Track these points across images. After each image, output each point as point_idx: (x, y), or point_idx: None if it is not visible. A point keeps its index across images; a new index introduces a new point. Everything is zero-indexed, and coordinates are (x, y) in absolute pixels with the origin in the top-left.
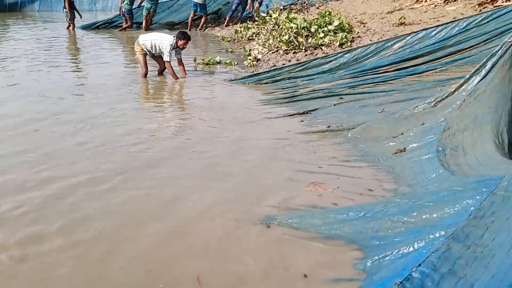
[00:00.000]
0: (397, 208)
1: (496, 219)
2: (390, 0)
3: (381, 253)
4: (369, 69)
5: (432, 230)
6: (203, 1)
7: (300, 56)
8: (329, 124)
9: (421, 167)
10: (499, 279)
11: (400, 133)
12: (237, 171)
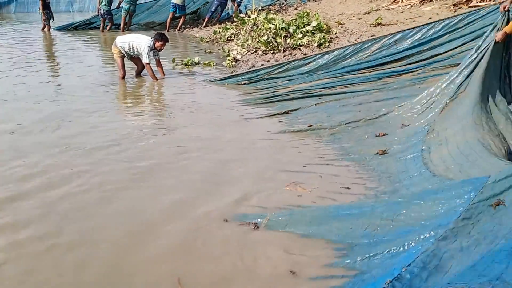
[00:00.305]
0: (385, 206)
1: (482, 218)
2: (367, 1)
3: (372, 252)
4: (348, 70)
5: (422, 230)
6: (182, 2)
7: (278, 56)
8: (311, 124)
9: (405, 166)
10: (482, 267)
11: (383, 133)
12: (218, 172)
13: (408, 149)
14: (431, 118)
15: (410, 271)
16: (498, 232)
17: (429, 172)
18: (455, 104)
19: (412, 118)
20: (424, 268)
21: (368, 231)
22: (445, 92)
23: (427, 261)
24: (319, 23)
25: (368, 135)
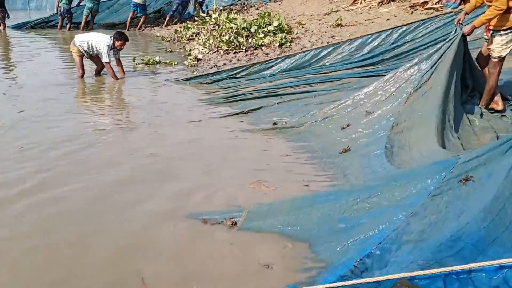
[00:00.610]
0: (360, 191)
1: (451, 193)
2: (327, 2)
3: (349, 237)
4: (309, 72)
5: (395, 210)
6: (143, 2)
7: (240, 56)
8: (274, 122)
9: (369, 162)
10: (451, 238)
11: (346, 125)
12: (183, 172)
13: (372, 144)
14: (395, 107)
15: (381, 247)
16: (466, 206)
17: (393, 166)
18: (420, 96)
19: (376, 105)
20: (393, 243)
21: (345, 216)
22: (410, 79)
23: (397, 237)
24: (281, 23)
25: (333, 129)
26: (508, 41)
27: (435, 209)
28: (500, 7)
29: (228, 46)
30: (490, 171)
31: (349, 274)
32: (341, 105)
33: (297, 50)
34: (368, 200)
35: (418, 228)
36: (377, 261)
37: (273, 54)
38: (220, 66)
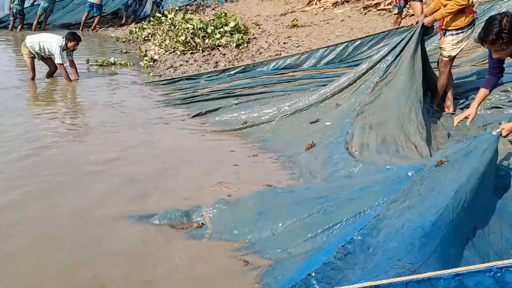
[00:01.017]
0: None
1: (429, 176)
2: (283, 3)
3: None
4: (266, 73)
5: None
6: (100, 2)
7: (197, 56)
8: (245, 121)
9: (331, 152)
10: (426, 217)
11: (316, 120)
12: (142, 176)
13: (338, 132)
14: (362, 98)
15: (362, 233)
16: (443, 186)
17: (351, 157)
18: (384, 85)
19: (344, 98)
20: (374, 228)
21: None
22: (375, 72)
23: (378, 223)
24: (237, 24)
25: (302, 125)
26: (458, 41)
27: (415, 194)
28: (460, 2)
29: (185, 47)
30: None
31: (333, 260)
32: (310, 98)
33: (254, 51)
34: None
35: (397, 213)
36: (359, 246)
37: (230, 54)
38: (176, 67)
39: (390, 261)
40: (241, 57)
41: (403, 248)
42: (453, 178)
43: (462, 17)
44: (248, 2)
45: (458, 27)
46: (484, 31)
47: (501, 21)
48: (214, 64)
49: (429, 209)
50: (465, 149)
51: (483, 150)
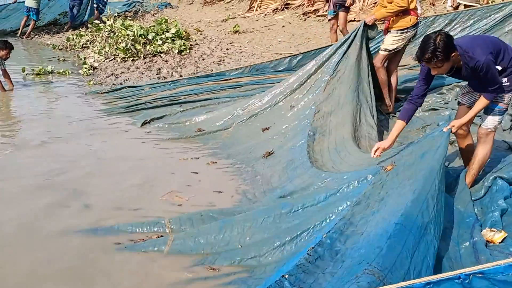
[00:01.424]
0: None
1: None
2: (224, 9)
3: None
4: (212, 80)
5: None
6: (37, 6)
7: (139, 63)
8: (199, 129)
9: (293, 156)
10: (390, 220)
11: (267, 127)
12: (90, 188)
13: (298, 134)
14: (316, 97)
15: (330, 236)
16: (403, 188)
17: (309, 163)
18: (336, 82)
19: (298, 100)
20: (342, 233)
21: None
22: (324, 70)
23: (345, 227)
24: (178, 30)
25: (257, 131)
26: (400, 39)
27: (376, 196)
28: (401, 4)
29: (126, 54)
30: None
31: (304, 262)
32: (263, 101)
33: (196, 57)
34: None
35: (363, 221)
36: (328, 249)
37: (173, 61)
38: (118, 75)
39: (360, 266)
40: (184, 63)
41: (371, 252)
42: (412, 179)
43: (408, 18)
44: (188, 8)
45: (404, 27)
46: (420, 50)
47: (435, 40)
48: (156, 71)
49: (392, 213)
50: (419, 149)
51: (436, 147)
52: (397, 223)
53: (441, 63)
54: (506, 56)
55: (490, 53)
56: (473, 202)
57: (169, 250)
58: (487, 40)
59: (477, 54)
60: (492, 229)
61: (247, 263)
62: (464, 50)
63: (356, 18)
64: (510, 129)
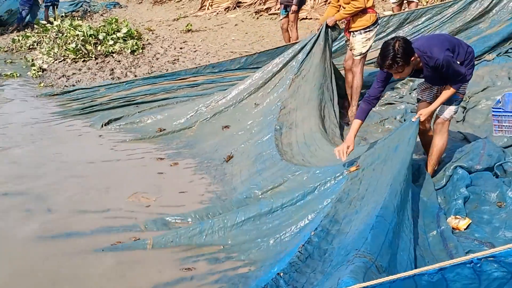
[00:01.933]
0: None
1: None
2: (174, 8)
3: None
4: (168, 79)
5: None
6: None
7: (90, 64)
8: (160, 129)
9: (261, 148)
10: (371, 212)
11: (227, 125)
12: (53, 193)
13: (264, 129)
14: (281, 94)
15: (318, 235)
16: (378, 182)
17: (279, 156)
18: (301, 80)
19: (263, 97)
20: (328, 233)
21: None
22: (289, 69)
23: (330, 225)
24: (130, 30)
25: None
26: (367, 39)
27: (355, 192)
28: (357, 5)
29: (76, 55)
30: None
31: (296, 260)
32: (228, 97)
33: (150, 57)
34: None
35: (347, 219)
36: (317, 248)
37: (126, 61)
38: (69, 76)
39: (348, 256)
40: (137, 63)
41: (357, 241)
42: (388, 173)
43: (367, 17)
44: (137, 7)
45: (365, 26)
46: (381, 57)
47: (394, 46)
48: (109, 72)
49: (373, 207)
50: (392, 142)
51: (408, 139)
52: (378, 215)
53: (402, 68)
54: (461, 50)
55: (447, 49)
56: (436, 192)
57: (150, 250)
58: (442, 38)
59: (435, 53)
60: (456, 217)
61: (232, 263)
62: (422, 51)
63: (308, 16)
64: (463, 120)
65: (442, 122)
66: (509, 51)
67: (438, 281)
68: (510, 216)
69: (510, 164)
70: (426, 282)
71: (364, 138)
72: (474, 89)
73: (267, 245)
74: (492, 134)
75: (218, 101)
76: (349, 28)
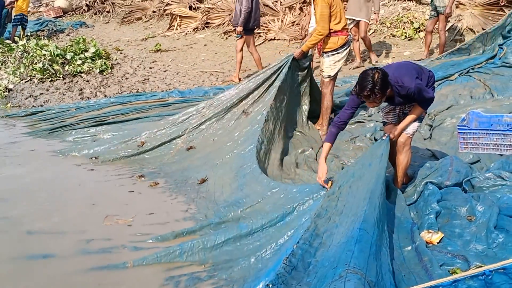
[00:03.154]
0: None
1: (343, 191)
2: (142, 28)
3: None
4: (138, 99)
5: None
6: None
7: (58, 84)
8: (116, 153)
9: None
10: (352, 225)
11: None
12: (30, 216)
13: (248, 139)
14: (267, 102)
15: (300, 247)
16: (354, 198)
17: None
18: (278, 104)
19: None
20: (311, 245)
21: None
22: (275, 85)
23: (312, 239)
24: (98, 49)
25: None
26: (335, 61)
27: (333, 208)
28: (321, 31)
29: (43, 74)
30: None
31: (283, 272)
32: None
33: (119, 76)
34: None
35: (328, 233)
36: (300, 261)
37: (95, 81)
38: (37, 96)
39: (337, 269)
40: (107, 83)
41: (344, 255)
42: (365, 188)
43: (335, 39)
44: (104, 27)
45: (333, 49)
46: (359, 86)
47: (374, 77)
48: (78, 92)
49: (354, 220)
50: (366, 160)
51: (380, 155)
52: (360, 228)
53: (378, 99)
54: (424, 75)
55: (416, 78)
56: (408, 207)
57: (130, 269)
58: (409, 67)
59: (407, 82)
60: (429, 231)
61: (215, 281)
62: (395, 81)
63: (276, 37)
64: (430, 138)
65: (406, 138)
66: (470, 71)
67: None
68: (480, 229)
69: (477, 180)
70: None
71: (337, 156)
72: (439, 108)
73: (248, 263)
74: (458, 150)
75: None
76: (320, 49)
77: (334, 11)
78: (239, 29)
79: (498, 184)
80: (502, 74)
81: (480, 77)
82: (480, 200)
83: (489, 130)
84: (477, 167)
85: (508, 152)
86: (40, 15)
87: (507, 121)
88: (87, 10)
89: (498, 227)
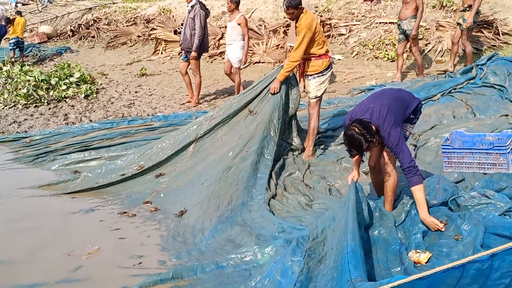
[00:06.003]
0: None
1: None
2: (127, 53)
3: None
4: (125, 124)
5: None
6: None
7: (43, 109)
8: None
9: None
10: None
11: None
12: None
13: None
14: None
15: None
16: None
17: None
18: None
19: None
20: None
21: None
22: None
23: (307, 282)
24: (83, 74)
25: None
26: (321, 82)
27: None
28: (296, 58)
29: (27, 100)
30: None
31: None
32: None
33: (105, 101)
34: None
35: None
36: None
37: (80, 106)
38: (21, 122)
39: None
40: (92, 108)
41: (342, 276)
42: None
43: (320, 62)
44: (89, 52)
45: (318, 71)
46: (355, 148)
47: (358, 132)
48: (63, 117)
49: (340, 248)
50: (341, 201)
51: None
52: (349, 251)
53: (377, 141)
54: (411, 105)
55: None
56: (396, 228)
57: None
58: (393, 106)
59: (385, 131)
60: (417, 251)
61: None
62: (376, 128)
63: (261, 60)
64: (415, 157)
65: (388, 158)
66: (452, 91)
67: (485, 270)
68: (466, 248)
69: (463, 198)
70: (475, 270)
71: (323, 177)
72: (423, 128)
73: None
74: (443, 170)
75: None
76: (303, 71)
77: (317, 37)
78: (194, 54)
79: (483, 202)
80: (483, 93)
81: (462, 97)
82: (466, 219)
83: (472, 149)
84: (462, 186)
85: (491, 170)
86: (25, 40)
87: (490, 140)
88: (72, 35)
89: (485, 246)
